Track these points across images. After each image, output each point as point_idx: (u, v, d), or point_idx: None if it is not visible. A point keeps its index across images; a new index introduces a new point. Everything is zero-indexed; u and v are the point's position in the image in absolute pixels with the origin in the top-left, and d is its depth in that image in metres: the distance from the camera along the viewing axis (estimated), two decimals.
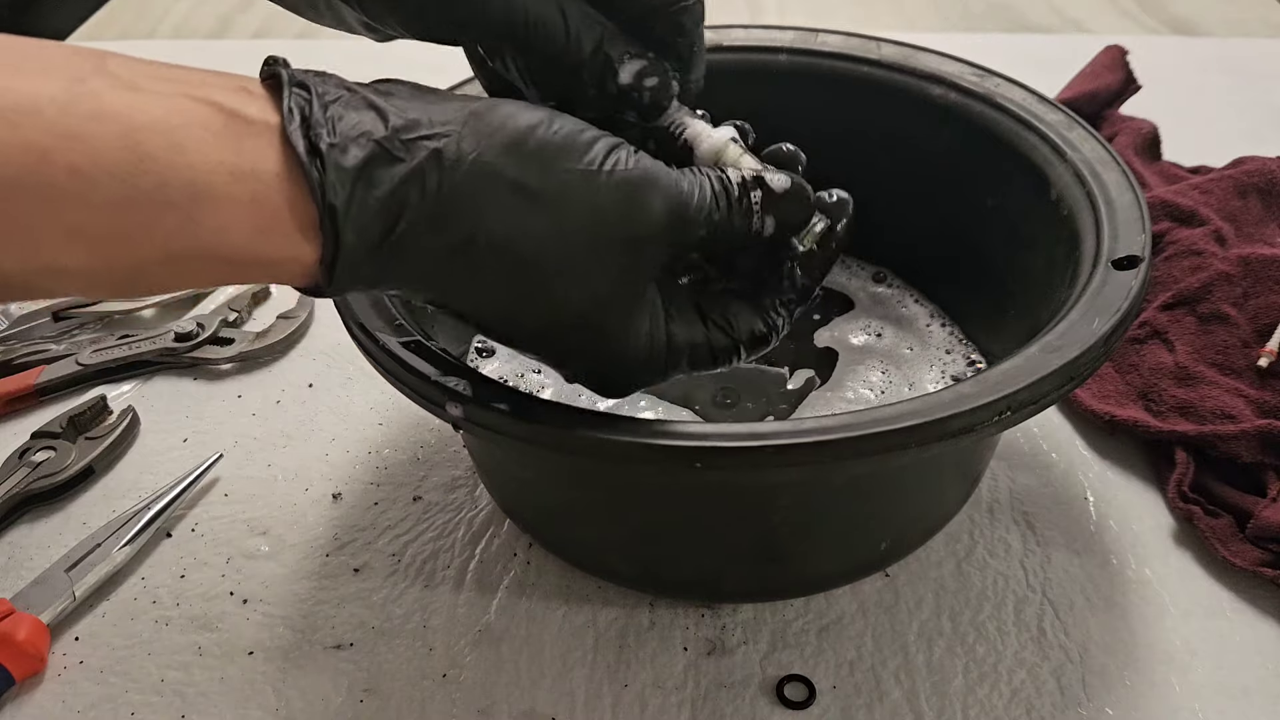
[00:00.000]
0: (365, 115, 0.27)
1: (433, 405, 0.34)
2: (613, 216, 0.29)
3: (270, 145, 0.26)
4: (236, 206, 0.25)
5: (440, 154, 0.27)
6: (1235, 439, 0.45)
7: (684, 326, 0.32)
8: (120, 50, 0.26)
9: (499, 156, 0.28)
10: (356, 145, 0.26)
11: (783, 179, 0.32)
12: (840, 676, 0.39)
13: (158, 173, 0.24)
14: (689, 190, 0.31)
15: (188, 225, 0.25)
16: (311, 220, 0.26)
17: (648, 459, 0.32)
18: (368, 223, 0.27)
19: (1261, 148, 0.61)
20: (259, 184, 0.25)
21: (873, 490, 0.39)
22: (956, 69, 0.49)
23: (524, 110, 0.29)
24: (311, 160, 0.26)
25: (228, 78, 0.26)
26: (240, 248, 0.26)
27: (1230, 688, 0.39)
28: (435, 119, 0.28)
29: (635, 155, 0.30)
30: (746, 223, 0.32)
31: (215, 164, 0.25)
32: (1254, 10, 0.95)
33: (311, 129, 0.26)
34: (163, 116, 0.24)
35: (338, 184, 0.26)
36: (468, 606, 0.42)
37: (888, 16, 0.96)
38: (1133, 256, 0.38)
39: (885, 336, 0.51)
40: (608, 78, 0.33)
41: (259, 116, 0.26)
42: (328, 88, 0.27)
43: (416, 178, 0.27)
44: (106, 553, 0.44)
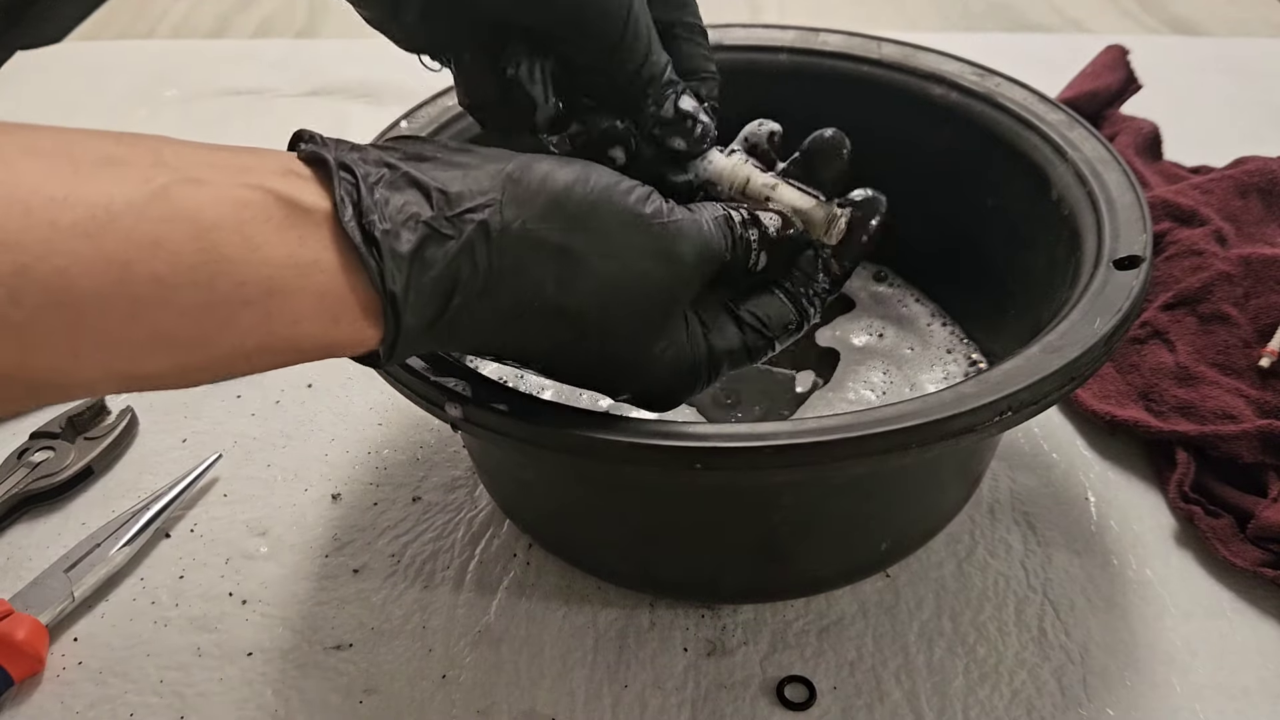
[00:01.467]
0: (410, 195, 0.27)
1: (432, 406, 0.34)
2: (652, 267, 0.30)
3: (328, 234, 0.26)
4: (306, 299, 0.25)
5: (486, 226, 0.28)
6: (1236, 439, 0.45)
7: (720, 336, 0.33)
8: (121, 50, 0.26)
9: (541, 222, 0.28)
10: (408, 229, 0.26)
11: (775, 220, 0.34)
12: (841, 677, 0.39)
13: (235, 273, 0.24)
14: (711, 233, 0.32)
15: (264, 322, 0.25)
16: (373, 306, 0.26)
17: (648, 460, 0.32)
18: (424, 304, 0.27)
19: (1262, 147, 0.61)
20: (323, 275, 0.25)
21: (873, 490, 0.39)
22: (957, 68, 0.49)
23: (559, 167, 0.29)
24: (369, 249, 0.26)
25: (271, 157, 0.26)
26: (312, 337, 0.26)
27: (1231, 688, 0.39)
28: (474, 189, 0.28)
29: (669, 205, 0.31)
30: (745, 259, 0.33)
31: (284, 258, 0.25)
32: (1255, 10, 0.95)
33: (364, 217, 0.26)
34: (231, 212, 0.24)
35: (395, 271, 0.26)
36: (467, 607, 0.42)
37: (888, 16, 0.96)
38: (1134, 256, 0.37)
39: (886, 336, 0.51)
40: (668, 100, 0.34)
41: (313, 204, 0.26)
42: (369, 168, 0.27)
43: (466, 253, 0.27)
44: (105, 553, 0.44)
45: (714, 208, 0.33)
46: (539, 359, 0.31)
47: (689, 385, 0.33)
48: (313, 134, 0.28)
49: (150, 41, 0.92)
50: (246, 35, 0.94)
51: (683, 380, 0.33)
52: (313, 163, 0.27)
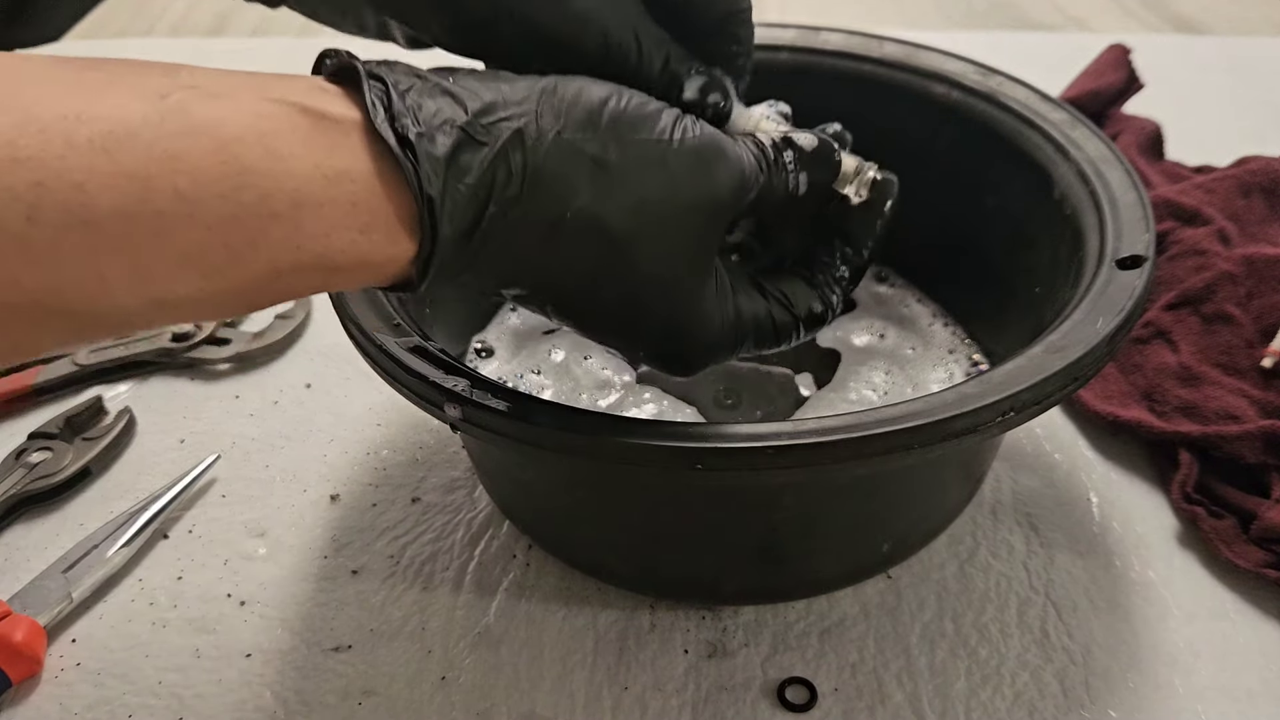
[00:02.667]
0: (443, 101, 0.26)
1: (431, 406, 0.33)
2: (687, 183, 0.30)
3: (359, 142, 0.25)
4: (337, 210, 0.25)
5: (521, 133, 0.27)
6: (1239, 440, 0.45)
7: (749, 301, 0.33)
8: (120, 48, 0.25)
9: (577, 132, 0.28)
10: (442, 133, 0.26)
11: (810, 137, 0.34)
12: (842, 679, 0.39)
13: (259, 185, 0.23)
14: (744, 155, 0.32)
15: (294, 235, 0.24)
16: (408, 215, 0.26)
17: (648, 460, 0.31)
18: (460, 211, 0.26)
19: (1265, 147, 0.61)
20: (354, 184, 0.25)
21: (875, 491, 0.39)
22: (959, 67, 0.49)
23: (593, 84, 0.29)
24: (404, 152, 0.25)
25: (296, 79, 0.26)
26: (344, 252, 0.25)
27: (1234, 690, 0.39)
28: (509, 99, 0.27)
29: (698, 123, 0.31)
30: (784, 182, 0.33)
31: (311, 168, 0.24)
32: (1258, 9, 0.94)
33: (397, 120, 0.25)
34: (253, 124, 0.23)
35: (432, 174, 0.25)
36: (466, 608, 0.42)
37: (890, 14, 0.96)
38: (1136, 256, 0.37)
39: (888, 337, 0.51)
40: (673, 94, 0.33)
41: (342, 113, 0.25)
42: (398, 76, 0.26)
43: (502, 159, 0.27)
44: (103, 554, 0.43)
45: (743, 138, 0.33)
46: (566, 290, 0.30)
47: (714, 345, 0.33)
48: (338, 50, 0.27)
49: (149, 40, 0.92)
50: (245, 34, 0.94)
51: (708, 336, 0.32)
52: (340, 76, 0.26)
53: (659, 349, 0.32)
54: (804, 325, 0.34)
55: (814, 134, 0.34)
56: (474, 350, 0.51)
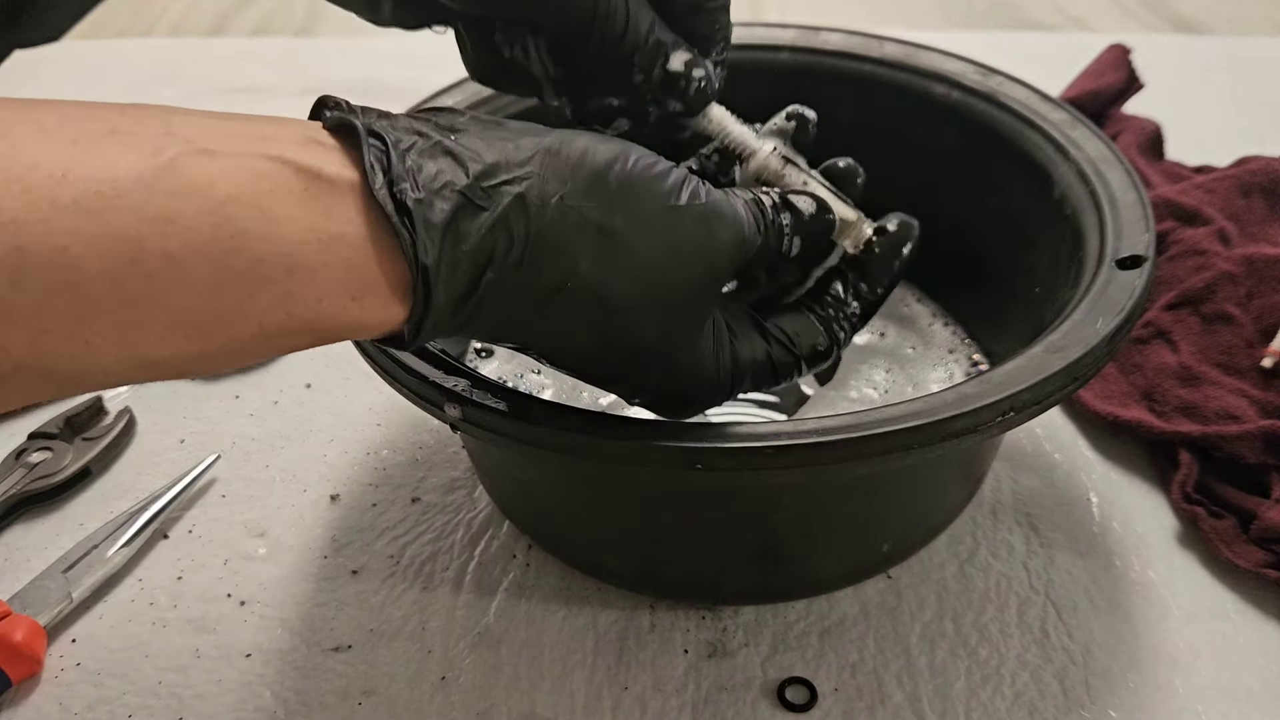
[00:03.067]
0: (444, 163, 0.26)
1: (431, 406, 0.33)
2: (690, 251, 0.29)
3: (355, 206, 0.24)
4: (330, 275, 0.24)
5: (524, 199, 0.26)
6: (1239, 440, 0.45)
7: (747, 345, 0.33)
8: (119, 48, 0.25)
9: (582, 198, 0.27)
10: (441, 199, 0.25)
11: (808, 202, 0.34)
12: (842, 679, 0.39)
13: (252, 249, 0.22)
14: (745, 217, 0.31)
15: (284, 300, 0.23)
16: (401, 281, 0.25)
17: (648, 460, 0.31)
18: (456, 278, 0.26)
19: (1265, 147, 0.61)
20: (349, 250, 0.24)
21: (875, 491, 0.39)
22: (959, 67, 0.49)
23: (599, 144, 0.28)
24: (401, 219, 0.24)
25: (291, 126, 0.25)
26: (335, 317, 0.24)
27: (1234, 690, 0.39)
28: (512, 160, 0.27)
29: (706, 188, 0.30)
30: (778, 244, 0.33)
31: (305, 232, 0.23)
32: (1258, 9, 0.94)
33: (395, 184, 0.24)
34: (247, 184, 0.23)
35: (429, 242, 0.25)
36: (466, 608, 0.42)
37: (890, 14, 0.96)
38: (1136, 256, 0.37)
39: (888, 336, 0.51)
40: (658, 63, 0.33)
41: (337, 174, 0.24)
42: (399, 134, 0.26)
43: (502, 226, 0.26)
44: (103, 554, 0.43)
45: (744, 192, 0.32)
46: (563, 350, 0.30)
47: (710, 392, 0.33)
48: (338, 100, 0.26)
49: (148, 40, 0.91)
50: (245, 34, 0.94)
51: (704, 386, 0.32)
52: (338, 130, 0.26)
53: (654, 397, 0.33)
54: (806, 363, 0.34)
55: (812, 198, 0.34)
56: (474, 350, 0.51)
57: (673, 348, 0.31)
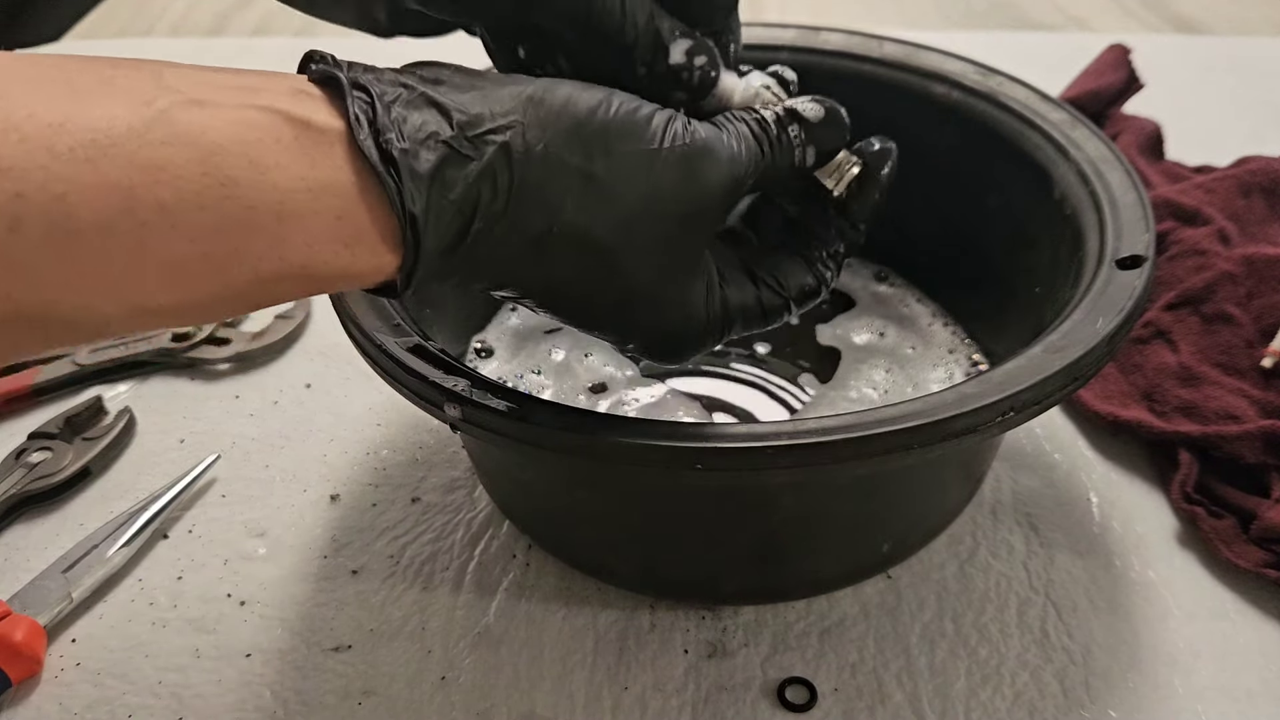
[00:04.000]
0: (429, 114, 0.26)
1: (431, 406, 0.33)
2: (675, 191, 0.29)
3: (342, 155, 0.25)
4: (320, 223, 0.24)
5: (508, 148, 0.27)
6: (1239, 440, 0.45)
7: (736, 289, 0.33)
8: (119, 48, 0.25)
9: (564, 145, 0.28)
10: (427, 149, 0.26)
11: (815, 107, 0.33)
12: (842, 679, 0.39)
13: (242, 196, 0.23)
14: (737, 147, 0.31)
15: (276, 247, 0.24)
16: (391, 229, 0.26)
17: (648, 460, 0.31)
18: (444, 227, 0.26)
19: (1265, 147, 0.61)
20: (337, 198, 0.25)
21: (875, 491, 0.39)
22: (959, 67, 0.49)
23: (582, 91, 0.29)
24: (387, 169, 0.25)
25: (279, 79, 0.25)
26: (327, 263, 0.25)
27: (1234, 690, 0.39)
28: (496, 110, 0.27)
29: (689, 127, 0.30)
30: (789, 158, 0.32)
31: (295, 180, 0.24)
32: (1258, 9, 0.94)
33: (381, 135, 0.25)
34: (237, 133, 0.23)
35: (415, 191, 0.25)
36: (466, 608, 0.42)
37: (890, 14, 0.96)
38: (1136, 256, 0.37)
39: (888, 336, 0.51)
40: (658, 57, 0.33)
41: (325, 123, 0.25)
42: (384, 86, 0.26)
43: (488, 175, 0.27)
44: (103, 554, 0.43)
45: (743, 115, 0.32)
46: (555, 295, 0.30)
47: (700, 336, 0.33)
48: (324, 54, 0.27)
49: (149, 40, 0.91)
50: (245, 33, 0.94)
51: (694, 329, 0.32)
52: (324, 83, 0.26)
53: (647, 341, 0.33)
54: (795, 303, 0.34)
55: (819, 101, 0.33)
56: (474, 350, 0.51)
57: (662, 290, 0.31)
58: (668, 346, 0.33)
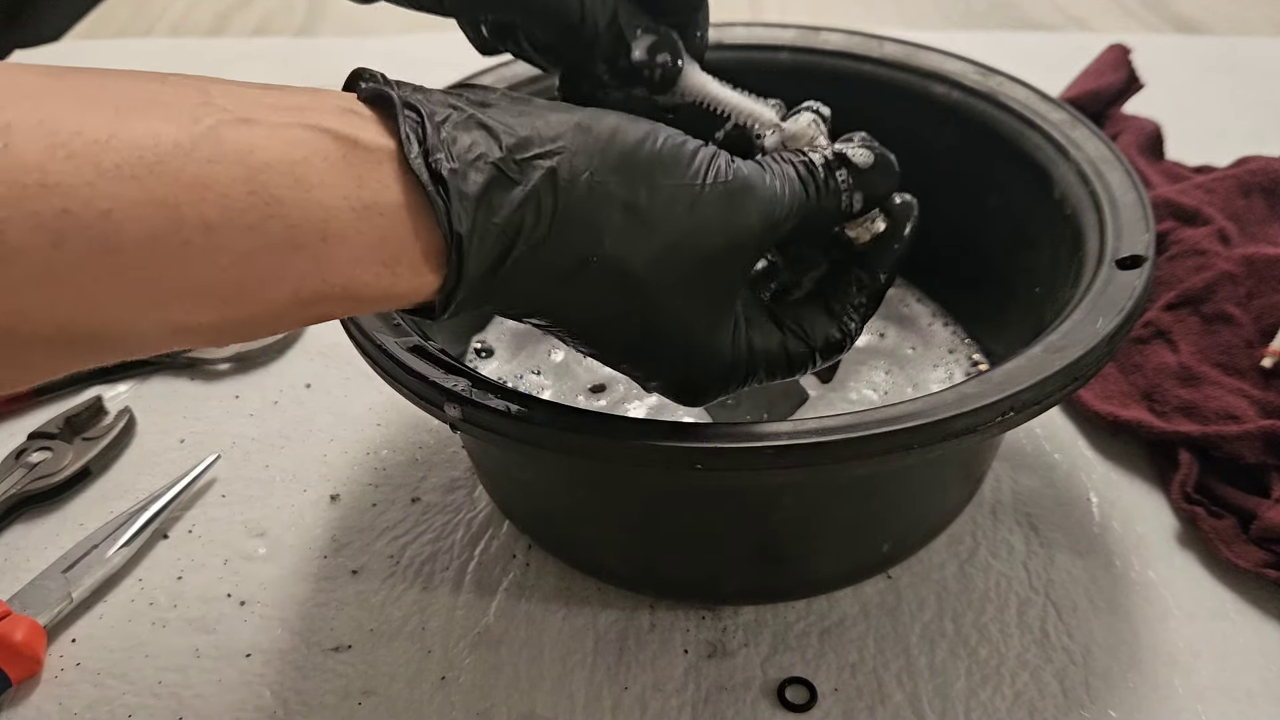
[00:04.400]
0: (478, 135, 0.26)
1: (431, 406, 0.33)
2: (715, 227, 0.29)
3: (391, 174, 0.25)
4: (364, 242, 0.24)
5: (555, 173, 0.27)
6: (1239, 440, 0.45)
7: (761, 335, 0.33)
8: (119, 48, 0.25)
9: (611, 175, 0.28)
10: (475, 170, 0.25)
11: (865, 154, 0.33)
12: (842, 679, 0.39)
13: (287, 216, 0.23)
14: (780, 189, 0.31)
15: (318, 267, 0.24)
16: (435, 250, 0.25)
17: (648, 460, 0.31)
18: (486, 250, 0.26)
19: (1265, 147, 0.61)
20: (382, 218, 0.24)
21: (875, 491, 0.39)
22: (959, 67, 0.49)
23: (630, 123, 0.29)
24: (436, 188, 0.25)
25: (327, 97, 0.25)
26: (369, 284, 0.25)
27: (1234, 690, 0.39)
28: (544, 135, 0.27)
29: (732, 164, 0.30)
30: (835, 203, 0.32)
31: (339, 199, 0.24)
32: (1258, 9, 0.94)
33: (431, 155, 0.25)
34: (283, 152, 0.23)
35: (463, 212, 0.25)
36: (466, 608, 0.42)
37: (890, 14, 0.96)
38: (1136, 256, 0.37)
39: (888, 336, 0.51)
40: (620, 55, 0.33)
41: (374, 141, 0.25)
42: (434, 106, 0.26)
43: (533, 200, 0.26)
44: (103, 554, 0.43)
45: (790, 157, 0.32)
46: (586, 326, 0.30)
47: (723, 379, 0.32)
48: (373, 72, 0.27)
49: (149, 40, 0.91)
50: (246, 34, 0.94)
51: (719, 371, 0.32)
52: (374, 101, 0.26)
53: (670, 379, 0.32)
54: (820, 355, 0.34)
55: (869, 146, 0.33)
56: (474, 350, 0.51)
57: (692, 328, 0.31)
58: (691, 386, 0.33)
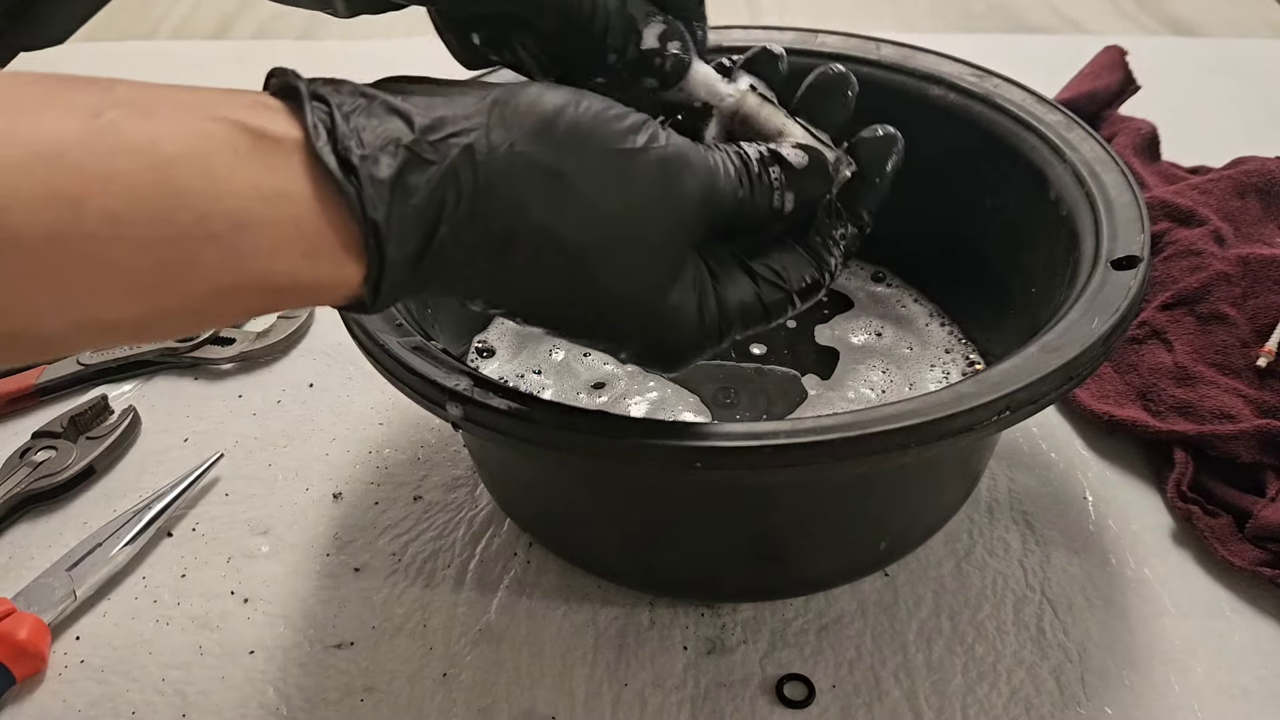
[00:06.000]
0: (390, 121, 0.26)
1: (433, 405, 0.34)
2: (648, 195, 0.29)
3: (300, 164, 0.24)
4: (278, 232, 0.24)
5: (471, 149, 0.26)
6: (1234, 439, 0.45)
7: (733, 288, 0.31)
8: (122, 51, 0.25)
9: (530, 144, 0.27)
10: (387, 154, 0.25)
11: (799, 155, 0.32)
12: (840, 676, 0.39)
13: (196, 206, 0.23)
14: (715, 167, 0.30)
15: (232, 257, 0.23)
16: (353, 239, 0.25)
17: (648, 459, 0.32)
18: (408, 234, 0.25)
19: (1260, 148, 0.61)
20: (295, 206, 0.24)
21: (872, 490, 0.39)
22: (956, 69, 0.49)
23: (548, 91, 0.28)
24: (346, 176, 0.24)
25: (239, 94, 0.25)
26: (287, 274, 0.24)
27: (1229, 688, 0.39)
28: (459, 113, 0.27)
29: (666, 133, 0.29)
30: (767, 200, 0.31)
31: (250, 189, 0.23)
32: (1253, 10, 0.95)
33: (339, 143, 0.25)
34: (190, 144, 0.23)
35: (376, 198, 0.25)
36: (468, 606, 0.42)
37: (887, 17, 0.96)
38: (1132, 256, 0.38)
39: (885, 336, 0.51)
40: (630, 43, 0.32)
41: (283, 133, 0.24)
42: (343, 97, 0.26)
43: (450, 178, 0.26)
44: (107, 552, 0.44)
45: (724, 147, 0.31)
46: (531, 304, 0.30)
47: (697, 341, 0.31)
48: (285, 69, 0.27)
49: (151, 43, 0.92)
50: (247, 36, 0.94)
51: (689, 334, 0.31)
52: (284, 95, 0.26)
53: (638, 349, 0.32)
54: (799, 297, 0.33)
55: (805, 149, 0.32)
56: (475, 350, 0.51)
57: (643, 295, 0.30)
58: (662, 353, 0.32)
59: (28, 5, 0.39)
